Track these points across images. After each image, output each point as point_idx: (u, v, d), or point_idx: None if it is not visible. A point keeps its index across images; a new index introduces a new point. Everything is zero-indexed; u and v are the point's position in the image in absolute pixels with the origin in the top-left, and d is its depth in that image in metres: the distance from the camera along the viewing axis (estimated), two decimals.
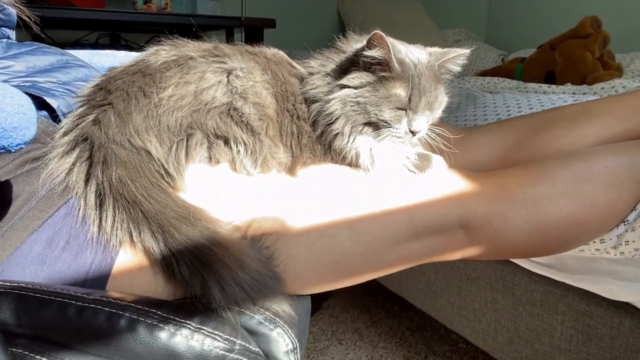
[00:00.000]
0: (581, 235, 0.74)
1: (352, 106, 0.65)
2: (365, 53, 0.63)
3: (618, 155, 0.74)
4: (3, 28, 0.76)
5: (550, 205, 0.70)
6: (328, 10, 3.04)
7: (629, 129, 0.83)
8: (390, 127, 0.66)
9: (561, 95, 1.18)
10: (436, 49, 0.71)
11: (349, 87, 0.65)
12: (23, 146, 0.42)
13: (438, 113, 0.70)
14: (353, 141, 0.67)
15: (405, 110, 0.65)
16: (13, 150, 0.41)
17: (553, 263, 0.95)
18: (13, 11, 0.74)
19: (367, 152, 0.68)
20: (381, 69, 0.64)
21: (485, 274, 1.13)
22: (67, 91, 0.69)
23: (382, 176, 0.70)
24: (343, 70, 0.67)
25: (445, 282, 1.24)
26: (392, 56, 0.62)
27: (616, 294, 0.89)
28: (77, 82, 0.72)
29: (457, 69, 0.71)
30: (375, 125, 0.66)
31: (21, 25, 0.81)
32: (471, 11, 3.52)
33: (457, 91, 1.35)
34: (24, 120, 0.40)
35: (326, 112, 0.66)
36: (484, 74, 2.14)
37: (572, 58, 1.86)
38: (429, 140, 0.72)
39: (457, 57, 0.69)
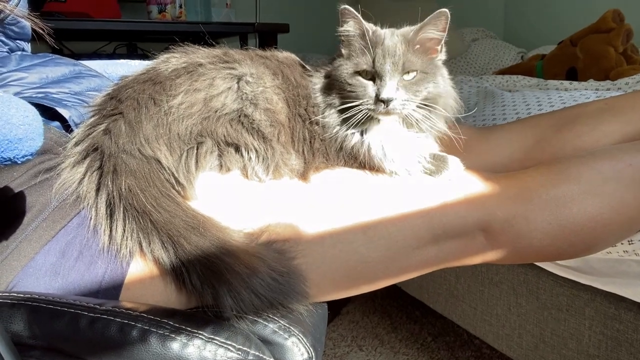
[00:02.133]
0: (608, 236, 0.71)
1: (328, 90, 0.66)
2: (340, 29, 0.64)
3: None
4: (17, 41, 0.77)
5: (574, 206, 0.67)
6: None
7: None
8: (360, 100, 0.63)
9: (583, 92, 1.14)
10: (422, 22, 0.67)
11: (329, 76, 0.66)
12: (30, 157, 0.42)
13: (421, 84, 0.64)
14: (357, 134, 0.66)
15: (374, 80, 0.63)
16: (19, 162, 0.41)
17: (579, 266, 0.92)
18: (27, 24, 0.75)
19: (377, 144, 0.66)
20: (353, 39, 0.65)
21: (508, 277, 1.10)
22: (79, 101, 0.70)
23: (398, 179, 0.68)
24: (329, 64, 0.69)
25: (467, 287, 1.21)
26: (359, 24, 0.63)
27: None
28: (90, 92, 0.73)
29: (439, 34, 0.66)
30: (349, 106, 0.64)
31: (36, 38, 0.82)
32: (488, 9, 3.47)
33: (475, 90, 1.33)
34: (29, 131, 0.40)
35: (316, 106, 0.66)
36: (503, 72, 2.10)
37: (594, 53, 1.81)
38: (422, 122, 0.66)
39: (435, 20, 0.64)
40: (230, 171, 0.62)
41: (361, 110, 0.63)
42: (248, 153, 0.61)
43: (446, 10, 0.63)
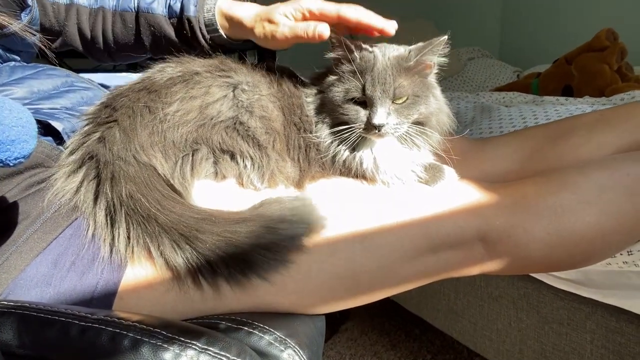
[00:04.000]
0: (606, 246, 0.71)
1: (321, 109, 0.66)
2: (330, 55, 0.65)
3: None
4: (13, 54, 0.77)
5: (572, 215, 0.67)
6: None
7: None
8: (353, 124, 0.64)
9: (579, 106, 1.15)
10: (419, 44, 0.67)
11: (321, 92, 0.67)
12: (22, 160, 0.41)
13: (412, 107, 0.65)
14: (348, 149, 0.66)
15: (365, 104, 0.64)
16: (11, 165, 0.40)
17: (579, 278, 0.91)
18: (34, 40, 0.76)
19: (369, 158, 0.66)
20: (343, 66, 0.65)
21: (508, 291, 1.09)
22: (70, 116, 0.69)
23: (395, 188, 0.68)
24: (320, 78, 0.69)
25: (467, 302, 1.20)
26: (347, 52, 0.63)
27: None
28: (82, 107, 0.72)
29: (437, 59, 0.67)
30: (343, 126, 0.65)
31: (39, 55, 0.82)
32: (484, 29, 3.53)
33: (472, 105, 1.34)
34: (22, 133, 0.40)
35: (310, 120, 0.67)
36: (500, 89, 2.12)
37: (590, 71, 1.83)
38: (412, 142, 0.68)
39: (434, 45, 0.64)
40: (225, 178, 0.62)
41: (354, 132, 0.64)
42: (243, 160, 0.61)
43: (446, 37, 0.64)
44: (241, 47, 0.82)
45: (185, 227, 0.54)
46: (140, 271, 0.56)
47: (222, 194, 0.62)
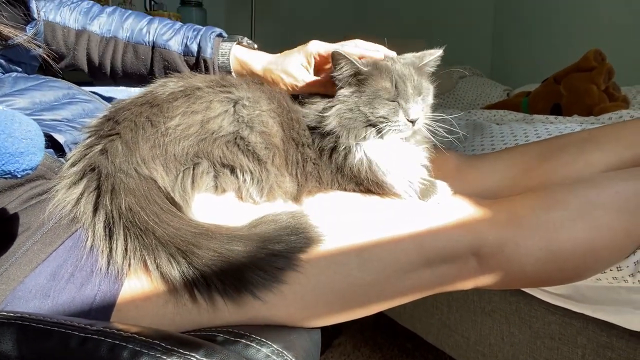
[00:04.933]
0: (597, 262, 0.72)
1: (348, 117, 0.67)
2: (335, 74, 0.68)
3: (629, 181, 0.73)
4: (14, 65, 0.78)
5: (563, 231, 0.68)
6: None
7: (637, 155, 0.82)
8: (389, 121, 0.67)
9: (568, 125, 1.18)
10: (414, 53, 0.76)
11: (338, 103, 0.69)
12: (29, 172, 0.42)
13: (429, 100, 0.73)
14: (362, 151, 0.68)
15: (397, 102, 0.68)
16: (19, 176, 0.41)
17: (571, 294, 0.92)
18: (38, 52, 0.77)
19: (380, 159, 0.69)
20: (357, 77, 0.68)
21: (501, 306, 1.10)
22: (72, 128, 0.70)
23: (391, 202, 0.69)
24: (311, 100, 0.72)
25: (459, 316, 1.20)
26: (356, 63, 0.67)
27: (637, 325, 0.85)
28: (83, 119, 0.73)
29: (433, 67, 0.76)
30: (376, 127, 0.68)
31: (43, 67, 0.83)
32: (475, 48, 3.59)
33: (464, 122, 1.36)
34: (30, 145, 0.40)
35: (326, 132, 0.68)
36: (490, 107, 2.15)
37: (578, 91, 1.87)
38: (429, 131, 0.74)
39: (434, 58, 0.74)
40: (225, 192, 0.63)
41: (388, 130, 0.68)
42: (243, 175, 0.62)
43: (441, 51, 0.74)
44: None
45: (182, 241, 0.54)
46: (138, 284, 0.56)
47: (222, 208, 0.63)
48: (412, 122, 0.68)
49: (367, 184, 0.70)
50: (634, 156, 0.82)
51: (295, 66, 0.80)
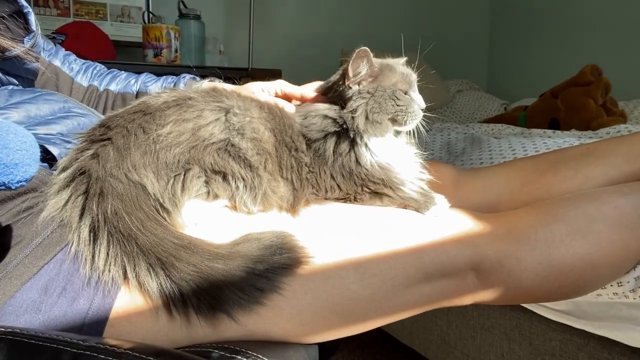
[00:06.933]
0: (597, 277, 0.72)
1: (375, 112, 0.69)
2: (357, 70, 0.70)
3: (628, 196, 0.73)
4: (11, 77, 0.78)
5: (562, 246, 0.68)
6: (332, 60, 3.14)
7: (636, 169, 0.82)
8: (407, 111, 0.70)
9: (567, 139, 1.18)
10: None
11: (360, 99, 0.70)
12: (24, 183, 0.42)
13: None
14: (375, 151, 0.70)
15: (407, 93, 0.72)
16: (13, 188, 0.40)
17: (571, 309, 0.92)
18: (36, 65, 0.77)
19: (392, 160, 0.71)
20: (370, 76, 0.70)
21: (500, 322, 1.09)
22: (65, 142, 0.69)
23: (389, 216, 0.69)
24: (338, 99, 0.72)
25: (459, 332, 1.19)
26: (371, 59, 0.70)
27: (639, 342, 0.84)
28: (77, 134, 0.73)
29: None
30: (397, 119, 0.71)
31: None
32: (472, 62, 3.62)
33: (462, 136, 1.36)
34: (26, 157, 0.40)
35: (343, 131, 0.70)
36: (488, 121, 2.16)
37: (575, 105, 1.88)
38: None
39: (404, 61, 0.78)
40: (218, 198, 0.62)
41: (409, 118, 0.72)
42: (235, 181, 0.62)
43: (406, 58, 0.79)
44: None
45: (164, 251, 0.54)
46: (131, 298, 0.55)
47: (214, 219, 0.63)
48: (423, 110, 0.73)
49: (377, 185, 0.70)
50: (633, 170, 0.82)
51: (257, 87, 0.84)
